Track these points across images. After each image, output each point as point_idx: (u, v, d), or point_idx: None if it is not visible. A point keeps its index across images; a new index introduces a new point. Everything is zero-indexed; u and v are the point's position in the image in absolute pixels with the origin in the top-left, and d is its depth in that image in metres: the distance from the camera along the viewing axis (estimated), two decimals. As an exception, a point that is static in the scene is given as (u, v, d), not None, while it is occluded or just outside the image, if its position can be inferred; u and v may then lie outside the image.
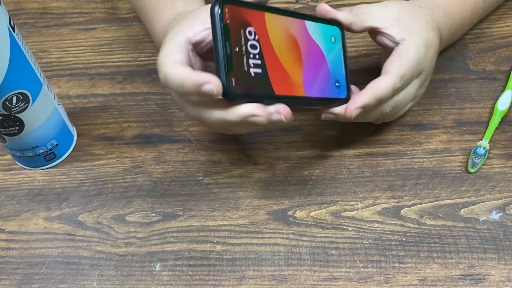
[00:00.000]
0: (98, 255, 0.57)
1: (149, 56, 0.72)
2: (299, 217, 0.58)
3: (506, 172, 0.58)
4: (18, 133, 0.59)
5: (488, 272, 0.53)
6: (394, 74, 0.55)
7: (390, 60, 0.56)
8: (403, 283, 0.53)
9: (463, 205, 0.57)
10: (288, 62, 0.51)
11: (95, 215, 0.60)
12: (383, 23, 0.57)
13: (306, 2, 0.74)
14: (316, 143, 0.62)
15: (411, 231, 0.56)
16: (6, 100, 0.56)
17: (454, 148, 0.60)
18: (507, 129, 0.61)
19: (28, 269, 0.57)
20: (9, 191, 0.63)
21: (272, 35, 0.50)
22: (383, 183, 0.59)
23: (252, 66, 0.48)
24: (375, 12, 0.57)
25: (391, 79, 0.55)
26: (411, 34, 0.56)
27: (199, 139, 0.64)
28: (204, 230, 0.58)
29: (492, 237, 0.55)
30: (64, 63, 0.72)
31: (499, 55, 0.67)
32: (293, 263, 0.55)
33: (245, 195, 0.60)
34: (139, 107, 0.67)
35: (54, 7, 0.78)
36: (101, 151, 0.64)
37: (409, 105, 0.59)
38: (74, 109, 0.68)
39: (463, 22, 0.64)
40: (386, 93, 0.55)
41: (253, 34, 0.48)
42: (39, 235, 0.59)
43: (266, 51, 0.49)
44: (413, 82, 0.57)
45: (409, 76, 0.56)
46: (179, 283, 0.55)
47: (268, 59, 0.49)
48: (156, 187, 0.61)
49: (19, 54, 0.55)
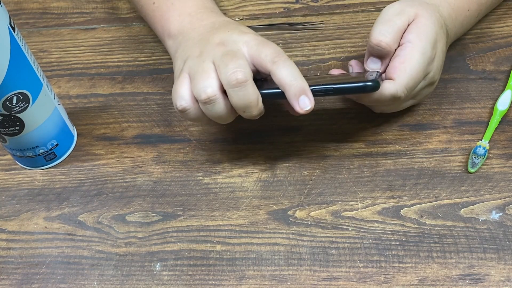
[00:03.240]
0: (98, 255, 0.58)
1: (149, 56, 0.72)
2: (299, 217, 0.58)
3: (506, 172, 0.58)
4: (19, 133, 0.59)
5: (488, 272, 0.53)
6: (397, 83, 0.55)
7: (394, 65, 0.56)
8: (403, 283, 0.53)
9: (463, 205, 0.57)
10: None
11: (95, 215, 0.60)
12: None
13: (306, 2, 0.74)
14: (316, 143, 0.62)
15: (411, 231, 0.56)
16: (7, 100, 0.56)
17: (454, 148, 0.60)
18: (507, 129, 0.61)
19: (28, 269, 0.57)
20: (9, 191, 0.63)
21: None
22: (383, 183, 0.59)
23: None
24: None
25: (392, 88, 0.55)
26: (419, 35, 0.56)
27: (199, 139, 0.64)
28: (204, 230, 0.58)
29: (492, 237, 0.55)
30: (64, 63, 0.72)
31: (499, 55, 0.67)
32: (293, 263, 0.55)
33: (245, 195, 0.60)
34: (139, 107, 0.67)
35: (54, 7, 0.78)
36: (101, 151, 0.64)
37: (410, 103, 0.60)
38: (74, 109, 0.68)
39: (470, 13, 0.63)
40: (383, 99, 0.55)
41: None
42: (39, 235, 0.59)
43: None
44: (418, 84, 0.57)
45: (413, 84, 0.56)
46: (179, 283, 0.55)
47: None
48: (156, 187, 0.61)
49: (19, 54, 0.55)
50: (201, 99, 0.54)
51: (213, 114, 0.55)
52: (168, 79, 0.69)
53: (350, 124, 0.63)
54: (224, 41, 0.56)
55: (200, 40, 0.58)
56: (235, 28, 0.58)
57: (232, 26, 0.59)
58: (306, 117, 0.62)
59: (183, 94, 0.55)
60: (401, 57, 0.55)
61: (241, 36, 0.56)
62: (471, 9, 0.63)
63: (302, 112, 0.53)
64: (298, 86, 0.53)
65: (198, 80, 0.54)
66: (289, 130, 0.63)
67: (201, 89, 0.54)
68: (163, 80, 0.69)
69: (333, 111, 0.64)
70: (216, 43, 0.56)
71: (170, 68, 0.70)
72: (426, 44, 0.56)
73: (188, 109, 0.55)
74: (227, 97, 0.54)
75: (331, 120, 0.64)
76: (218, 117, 0.55)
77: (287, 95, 0.53)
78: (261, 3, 0.75)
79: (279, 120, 0.64)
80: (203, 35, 0.58)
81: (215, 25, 0.60)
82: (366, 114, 0.63)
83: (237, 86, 0.53)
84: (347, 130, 0.63)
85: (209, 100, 0.54)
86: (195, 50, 0.57)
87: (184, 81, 0.55)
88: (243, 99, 0.53)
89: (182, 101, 0.55)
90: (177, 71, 0.58)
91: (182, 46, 0.59)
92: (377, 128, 0.62)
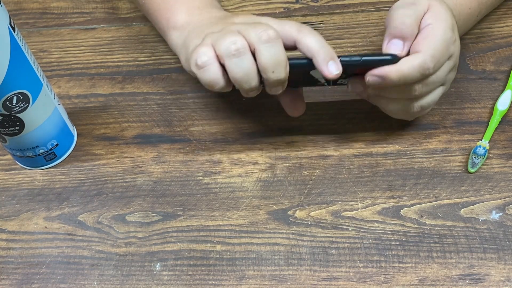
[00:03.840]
0: (98, 255, 0.58)
1: (149, 56, 0.72)
2: (299, 217, 0.58)
3: (506, 172, 0.58)
4: (19, 133, 0.59)
5: (488, 272, 0.53)
6: (424, 53, 0.54)
7: (417, 42, 0.55)
8: (403, 283, 0.53)
9: (463, 205, 0.57)
10: None
11: (95, 215, 0.60)
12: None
13: (306, 2, 0.74)
14: (316, 143, 0.62)
15: (411, 231, 0.56)
16: (7, 100, 0.56)
17: (454, 148, 0.60)
18: (507, 129, 0.61)
19: (28, 269, 0.57)
20: (9, 191, 0.63)
21: None
22: (383, 183, 0.59)
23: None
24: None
25: (420, 57, 0.54)
26: (438, 19, 0.55)
27: (199, 139, 0.64)
28: (204, 230, 0.58)
29: (492, 237, 0.55)
30: (64, 63, 0.72)
31: (499, 55, 0.67)
32: (293, 263, 0.55)
33: (245, 195, 0.60)
34: (139, 107, 0.67)
35: (54, 7, 0.78)
36: (101, 151, 0.64)
37: (440, 91, 0.58)
38: (74, 109, 0.68)
39: (471, 12, 0.63)
40: (411, 71, 0.53)
41: None
42: (39, 235, 0.59)
43: None
44: (444, 64, 0.56)
45: (439, 56, 0.54)
46: (179, 283, 0.55)
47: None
48: (156, 187, 0.61)
49: (19, 54, 0.55)
50: (230, 51, 0.52)
51: (238, 71, 0.52)
52: (168, 79, 0.69)
53: (350, 124, 0.63)
54: (246, 20, 0.56)
55: (218, 20, 0.57)
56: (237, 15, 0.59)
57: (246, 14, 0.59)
58: (306, 117, 0.63)
59: (205, 50, 0.53)
60: (424, 34, 0.55)
61: (260, 17, 0.56)
62: (472, 7, 0.63)
63: (331, 76, 0.53)
64: (326, 52, 0.53)
65: (224, 38, 0.52)
66: (289, 130, 0.63)
67: (229, 42, 0.52)
68: (163, 80, 0.69)
69: (333, 111, 0.64)
70: (237, 22, 0.56)
71: (170, 68, 0.70)
72: (446, 26, 0.55)
73: (209, 64, 0.52)
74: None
75: (331, 120, 0.64)
76: (242, 76, 0.53)
77: (316, 61, 0.53)
78: (261, 3, 0.75)
79: (279, 120, 0.64)
80: (219, 19, 0.58)
81: (227, 14, 0.60)
82: (366, 114, 0.63)
83: (269, 42, 0.52)
84: (347, 130, 0.63)
85: (238, 52, 0.52)
86: (214, 28, 0.56)
87: (206, 42, 0.53)
88: (274, 56, 0.52)
89: (204, 56, 0.52)
90: (190, 48, 0.56)
91: (196, 30, 0.58)
92: (377, 128, 0.62)
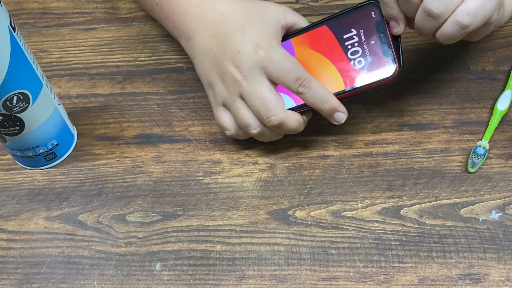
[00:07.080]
0: (98, 255, 0.58)
1: (149, 56, 0.72)
2: (299, 216, 0.58)
3: (506, 172, 0.58)
4: (19, 133, 0.59)
5: (487, 271, 0.53)
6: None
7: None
8: (403, 283, 0.53)
9: (462, 204, 0.57)
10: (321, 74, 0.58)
11: (96, 215, 0.60)
12: None
13: (306, 2, 0.74)
14: (316, 143, 0.62)
15: (411, 231, 0.56)
16: (7, 100, 0.56)
17: (454, 148, 0.60)
18: (507, 129, 0.61)
19: (29, 269, 0.57)
20: (10, 191, 0.63)
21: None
22: (383, 183, 0.59)
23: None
24: None
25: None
26: None
27: (199, 139, 0.64)
28: (204, 230, 0.58)
29: (491, 237, 0.55)
30: (64, 63, 0.72)
31: (499, 55, 0.67)
32: (293, 263, 0.55)
33: (245, 195, 0.60)
34: (139, 107, 0.67)
35: (54, 7, 0.78)
36: (101, 151, 0.65)
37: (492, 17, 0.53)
38: (74, 109, 0.68)
39: None
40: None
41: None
42: (39, 235, 0.59)
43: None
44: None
45: None
46: (179, 282, 0.55)
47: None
48: (156, 187, 0.61)
49: (19, 54, 0.55)
50: (249, 135, 0.60)
51: (266, 139, 0.60)
52: (168, 79, 0.69)
53: (350, 124, 0.63)
54: (240, 67, 0.57)
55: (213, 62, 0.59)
56: (242, 39, 0.57)
57: (238, 36, 0.57)
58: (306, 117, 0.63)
59: (227, 125, 0.59)
60: None
61: (254, 56, 0.56)
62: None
63: (342, 122, 0.58)
64: (329, 108, 0.57)
65: (238, 119, 0.58)
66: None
67: (244, 128, 0.59)
68: (163, 80, 0.69)
69: (333, 111, 0.64)
70: (233, 71, 0.57)
71: (170, 68, 0.70)
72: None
73: (238, 135, 0.60)
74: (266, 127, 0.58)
75: (331, 120, 0.64)
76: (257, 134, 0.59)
77: (323, 114, 0.58)
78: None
79: (279, 120, 0.64)
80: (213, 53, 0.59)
81: (219, 34, 0.58)
82: (366, 114, 0.63)
83: (274, 128, 0.58)
84: (347, 130, 0.63)
85: (257, 134, 0.59)
86: (214, 77, 0.59)
87: (223, 113, 0.59)
88: (279, 136, 0.61)
89: (228, 132, 0.60)
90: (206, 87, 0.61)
91: (197, 58, 0.61)
92: (377, 128, 0.62)
